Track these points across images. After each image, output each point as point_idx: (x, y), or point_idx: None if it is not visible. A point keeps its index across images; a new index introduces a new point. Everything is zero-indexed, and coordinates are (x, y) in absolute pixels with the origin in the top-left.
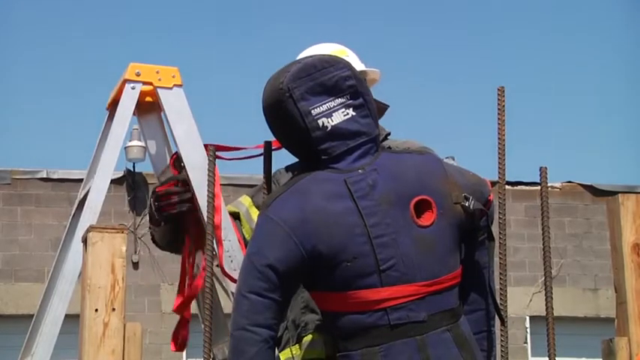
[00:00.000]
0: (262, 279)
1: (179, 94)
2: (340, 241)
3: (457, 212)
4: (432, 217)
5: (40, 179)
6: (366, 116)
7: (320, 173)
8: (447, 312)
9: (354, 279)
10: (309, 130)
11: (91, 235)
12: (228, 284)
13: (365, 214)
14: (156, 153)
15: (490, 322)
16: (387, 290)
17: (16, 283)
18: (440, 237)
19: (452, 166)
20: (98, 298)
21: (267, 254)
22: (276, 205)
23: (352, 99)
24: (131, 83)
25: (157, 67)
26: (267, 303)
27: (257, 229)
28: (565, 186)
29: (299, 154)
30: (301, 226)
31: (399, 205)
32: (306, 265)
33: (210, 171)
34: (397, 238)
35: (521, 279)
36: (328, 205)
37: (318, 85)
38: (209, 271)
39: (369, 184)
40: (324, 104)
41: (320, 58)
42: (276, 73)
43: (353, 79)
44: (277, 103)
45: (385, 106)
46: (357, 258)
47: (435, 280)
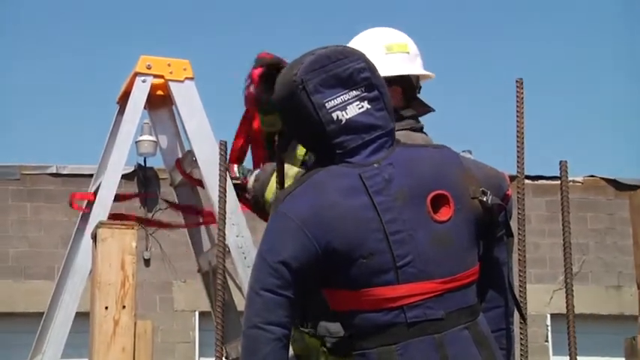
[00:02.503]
0: (275, 276)
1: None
2: (355, 237)
3: (475, 207)
4: (449, 212)
5: (49, 175)
6: (381, 109)
7: (334, 168)
8: (465, 309)
9: (370, 276)
10: (323, 123)
11: (100, 231)
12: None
13: (381, 209)
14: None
15: (509, 320)
16: (404, 287)
17: (26, 280)
18: (457, 233)
19: (469, 159)
20: (108, 295)
21: (281, 251)
22: (290, 201)
23: (367, 91)
24: (142, 76)
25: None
26: (280, 300)
27: (270, 225)
28: (587, 180)
29: (312, 148)
30: (315, 221)
31: (415, 200)
32: (321, 262)
33: (222, 165)
34: (414, 234)
35: (542, 276)
36: (343, 200)
37: (332, 77)
38: (221, 268)
39: (385, 178)
40: (338, 97)
41: (334, 49)
42: (289, 65)
43: (368, 71)
44: (290, 95)
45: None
46: (374, 254)
47: (452, 276)
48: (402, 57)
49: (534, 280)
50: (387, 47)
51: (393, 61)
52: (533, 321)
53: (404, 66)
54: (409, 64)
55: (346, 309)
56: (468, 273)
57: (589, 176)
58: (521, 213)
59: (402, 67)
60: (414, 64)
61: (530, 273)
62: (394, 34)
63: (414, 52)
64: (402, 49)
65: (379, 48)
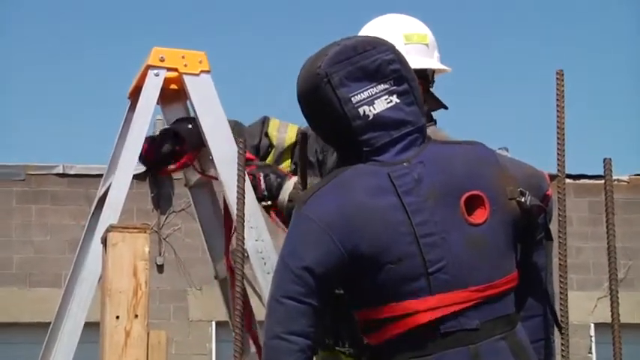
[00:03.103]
0: (298, 283)
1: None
2: (384, 240)
3: (512, 209)
4: (485, 214)
5: (56, 175)
6: (411, 104)
7: (361, 166)
8: (502, 319)
9: (400, 283)
10: (349, 119)
11: (111, 235)
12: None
13: (410, 211)
14: None
15: (549, 330)
16: (436, 298)
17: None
18: (493, 236)
19: (506, 157)
20: (119, 304)
21: (304, 255)
22: (314, 202)
23: (396, 85)
24: (154, 69)
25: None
26: (303, 309)
27: (292, 227)
28: (633, 179)
29: (337, 146)
30: (341, 224)
31: (448, 201)
32: (347, 267)
33: (241, 165)
34: (446, 238)
35: (585, 282)
36: (370, 201)
37: (358, 69)
38: (239, 274)
39: (415, 178)
40: (365, 91)
41: (361, 39)
42: (312, 57)
43: (397, 62)
44: (314, 89)
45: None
46: (403, 259)
47: (488, 284)
48: (421, 49)
49: (576, 287)
50: (407, 37)
51: (411, 53)
52: (575, 331)
53: (423, 59)
54: (428, 57)
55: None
56: (506, 280)
57: (635, 175)
58: (562, 215)
59: (421, 60)
60: (433, 57)
61: (571, 279)
62: (414, 22)
63: (432, 44)
64: (421, 40)
65: (398, 37)
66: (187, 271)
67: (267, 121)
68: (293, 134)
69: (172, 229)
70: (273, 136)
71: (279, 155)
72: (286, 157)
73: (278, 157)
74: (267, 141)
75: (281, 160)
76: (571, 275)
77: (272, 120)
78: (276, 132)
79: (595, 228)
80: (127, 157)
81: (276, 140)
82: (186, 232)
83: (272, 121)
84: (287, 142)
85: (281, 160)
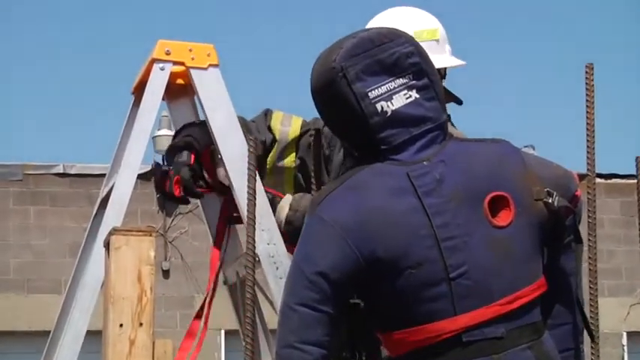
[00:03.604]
0: (313, 289)
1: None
2: (403, 244)
3: (539, 210)
4: (510, 216)
5: (55, 175)
6: (431, 99)
7: (378, 166)
8: (528, 327)
9: (420, 289)
10: (366, 115)
11: (114, 238)
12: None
13: (431, 212)
14: None
15: (578, 339)
16: (464, 318)
17: (30, 295)
18: (519, 239)
19: (532, 156)
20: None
21: (319, 260)
22: (328, 204)
23: (416, 79)
24: (160, 63)
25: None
26: (318, 317)
27: (305, 231)
28: None
29: (353, 144)
30: (357, 227)
31: (470, 202)
32: (363, 273)
33: (251, 164)
34: (469, 241)
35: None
36: (388, 202)
37: (375, 63)
38: (250, 280)
39: (436, 178)
40: (382, 85)
41: (378, 31)
42: (326, 50)
43: (417, 55)
44: (328, 84)
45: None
46: (423, 264)
47: (516, 294)
48: (432, 46)
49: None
50: (417, 34)
51: None
52: (606, 340)
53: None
54: (439, 53)
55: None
56: (533, 287)
57: None
58: (592, 216)
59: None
60: (444, 52)
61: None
62: (422, 17)
63: (443, 38)
64: (431, 36)
65: None
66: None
67: (270, 114)
68: (297, 127)
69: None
70: (276, 130)
71: (283, 150)
72: (290, 151)
73: (281, 151)
74: (270, 135)
75: (284, 154)
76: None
77: (275, 112)
78: (279, 125)
79: (627, 230)
80: (131, 155)
81: (280, 134)
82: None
83: (275, 113)
84: (291, 135)
85: (284, 154)
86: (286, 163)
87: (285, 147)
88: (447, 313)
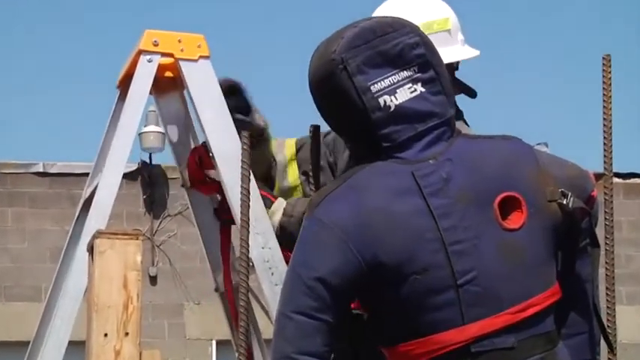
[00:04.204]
0: (311, 296)
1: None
2: (407, 248)
3: (552, 212)
4: (522, 218)
5: (35, 174)
6: (438, 93)
7: (381, 164)
8: (541, 337)
9: (425, 296)
10: (368, 110)
11: (98, 242)
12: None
13: (438, 214)
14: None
15: (595, 350)
16: (473, 327)
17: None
18: (531, 243)
19: (545, 154)
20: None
21: (317, 265)
22: (328, 205)
23: (421, 72)
24: (147, 55)
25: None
26: (317, 325)
27: (303, 233)
28: None
29: (354, 141)
30: (359, 230)
31: (479, 203)
32: (365, 279)
33: (245, 162)
34: (478, 245)
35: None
36: (392, 203)
37: (378, 54)
38: (243, 286)
39: (443, 177)
40: (386, 79)
41: (381, 20)
42: (326, 40)
43: (422, 46)
44: (328, 77)
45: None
46: (428, 270)
47: (528, 301)
48: (443, 37)
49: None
50: (426, 26)
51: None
52: (624, 350)
53: (447, 50)
54: (451, 44)
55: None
56: (547, 294)
57: None
58: (609, 218)
59: (445, 51)
60: (457, 43)
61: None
62: (431, 5)
63: (455, 27)
64: (442, 26)
65: None
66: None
67: None
68: (292, 145)
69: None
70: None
71: (283, 171)
72: (292, 170)
73: (282, 174)
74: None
75: (286, 175)
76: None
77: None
78: (275, 154)
79: None
80: (117, 153)
81: (278, 161)
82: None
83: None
84: (288, 155)
85: (286, 175)
86: (291, 182)
87: (284, 168)
88: (455, 322)
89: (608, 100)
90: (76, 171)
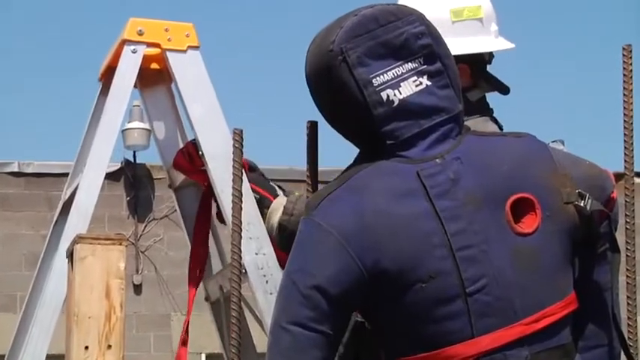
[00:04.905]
0: (308, 305)
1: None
2: (412, 254)
3: (569, 215)
4: (536, 221)
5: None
6: (445, 86)
7: (383, 164)
8: (557, 349)
9: (432, 306)
10: (369, 105)
11: (78, 247)
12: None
13: (445, 217)
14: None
15: None
16: (484, 340)
17: None
18: (546, 248)
19: (561, 152)
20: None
21: (315, 272)
22: (326, 207)
23: (427, 63)
24: (132, 45)
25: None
26: (314, 338)
27: (300, 238)
28: None
29: (354, 138)
30: (359, 234)
31: (490, 205)
32: (366, 287)
33: (237, 161)
34: (488, 251)
35: None
36: (395, 206)
37: (380, 45)
38: (236, 295)
39: (450, 177)
40: (389, 71)
41: (383, 8)
42: (324, 29)
43: (428, 36)
44: (326, 69)
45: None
46: (435, 277)
47: (543, 311)
48: (474, 25)
49: None
50: (455, 13)
51: (463, 34)
52: None
53: (478, 40)
54: (484, 34)
55: None
56: (562, 304)
57: None
58: (630, 222)
59: (476, 41)
60: (490, 32)
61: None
62: None
63: (488, 15)
64: (473, 13)
65: (443, 14)
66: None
67: None
68: None
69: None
70: None
71: None
72: None
73: None
74: None
75: None
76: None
77: None
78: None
79: None
80: (98, 152)
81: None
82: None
83: None
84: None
85: None
86: None
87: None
88: (464, 334)
89: (629, 93)
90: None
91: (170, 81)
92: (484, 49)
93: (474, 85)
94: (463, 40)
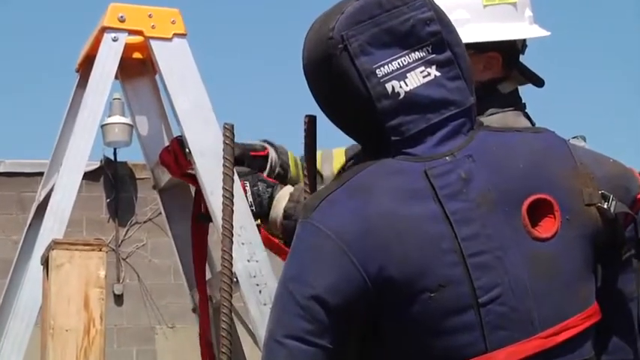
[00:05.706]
0: (306, 317)
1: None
2: (419, 261)
3: (591, 218)
4: (555, 225)
5: None
6: (455, 77)
7: (387, 162)
8: None
9: (441, 317)
10: (373, 98)
11: (54, 254)
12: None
13: (455, 220)
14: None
15: None
16: (498, 355)
17: None
18: (566, 255)
19: (583, 150)
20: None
21: (313, 281)
22: (325, 209)
23: (436, 52)
24: (112, 32)
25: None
26: (312, 352)
27: (297, 242)
28: None
29: (356, 133)
30: (361, 239)
31: (505, 207)
32: (370, 296)
33: (227, 159)
34: (503, 257)
35: None
36: (400, 208)
37: (385, 32)
38: (226, 306)
39: (461, 177)
40: (394, 61)
41: None
42: (323, 15)
43: (437, 23)
44: (325, 58)
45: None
46: (445, 286)
47: (563, 324)
48: (507, 10)
49: None
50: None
51: (495, 19)
52: None
53: (511, 26)
54: (517, 20)
55: None
56: (584, 315)
57: None
58: None
59: (509, 27)
60: (523, 20)
61: None
62: None
63: (522, 1)
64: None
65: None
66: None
67: None
68: (341, 157)
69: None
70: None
71: None
72: None
73: None
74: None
75: None
76: None
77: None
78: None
79: None
80: (76, 149)
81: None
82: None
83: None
84: (336, 170)
85: None
86: None
87: None
88: (476, 348)
89: None
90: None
91: (154, 72)
92: (519, 35)
93: (506, 76)
94: (496, 26)
